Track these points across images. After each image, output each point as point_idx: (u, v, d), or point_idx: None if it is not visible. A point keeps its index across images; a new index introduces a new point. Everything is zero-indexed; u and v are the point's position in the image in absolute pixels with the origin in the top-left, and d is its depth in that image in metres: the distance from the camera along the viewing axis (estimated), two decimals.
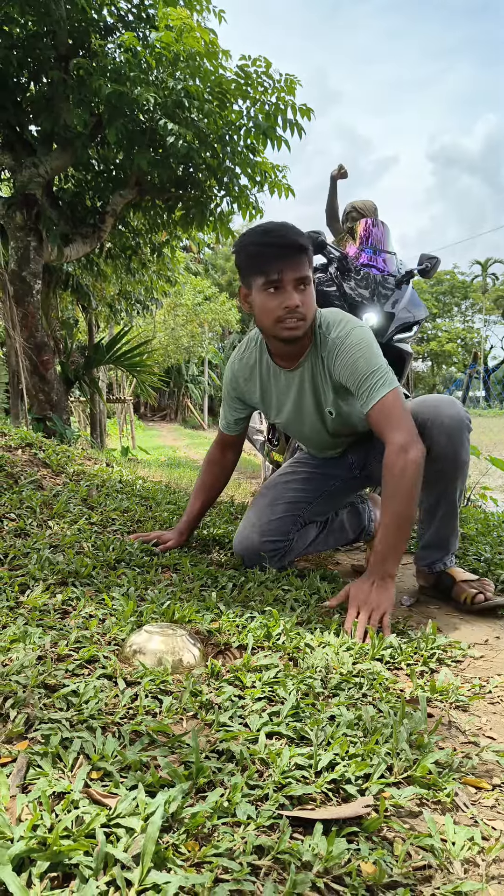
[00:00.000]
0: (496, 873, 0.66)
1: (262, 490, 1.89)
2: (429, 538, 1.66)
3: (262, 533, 1.74)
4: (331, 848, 0.63)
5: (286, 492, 1.82)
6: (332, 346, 1.53)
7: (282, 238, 1.43)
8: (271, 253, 1.42)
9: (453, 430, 1.51)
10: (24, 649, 1.01)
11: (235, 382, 1.77)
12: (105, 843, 0.59)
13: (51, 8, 3.93)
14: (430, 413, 1.52)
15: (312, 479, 1.85)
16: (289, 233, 1.44)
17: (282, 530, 1.76)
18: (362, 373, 1.47)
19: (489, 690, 1.10)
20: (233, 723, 0.88)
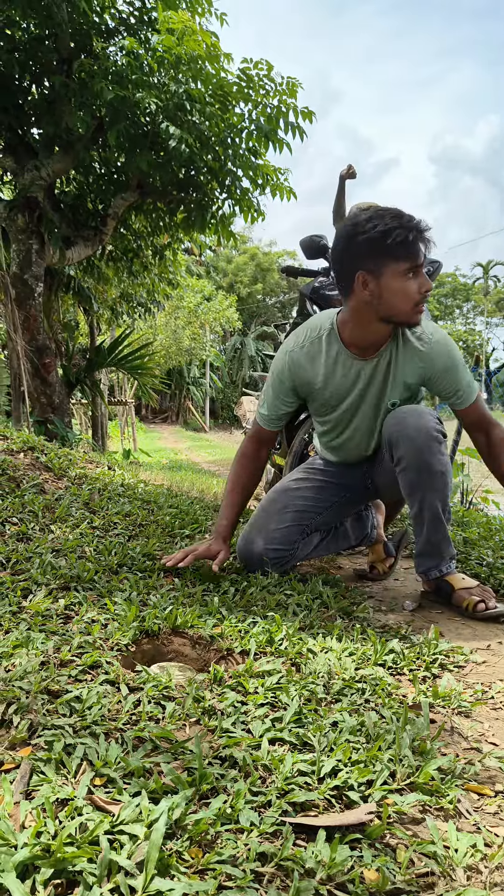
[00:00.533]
0: (499, 880, 0.66)
1: (271, 493, 1.86)
2: (421, 546, 1.66)
3: (267, 540, 1.72)
4: (334, 855, 0.63)
5: (296, 499, 1.80)
6: (425, 341, 1.60)
7: (420, 223, 1.46)
8: (417, 238, 1.45)
9: (420, 441, 1.55)
10: (26, 655, 1.01)
11: (293, 371, 1.71)
12: (109, 849, 0.59)
13: (53, 11, 3.94)
14: (396, 427, 1.59)
15: (325, 488, 1.83)
16: (421, 219, 1.48)
17: (288, 539, 1.75)
18: (462, 373, 1.60)
19: (492, 696, 1.10)
20: (235, 729, 0.88)
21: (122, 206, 5.04)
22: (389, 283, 1.49)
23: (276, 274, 33.60)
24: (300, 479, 1.87)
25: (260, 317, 34.48)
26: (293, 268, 2.64)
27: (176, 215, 5.39)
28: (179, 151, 4.04)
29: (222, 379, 28.71)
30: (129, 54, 4.02)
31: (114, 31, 4.49)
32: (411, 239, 1.44)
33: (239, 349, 29.93)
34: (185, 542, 1.95)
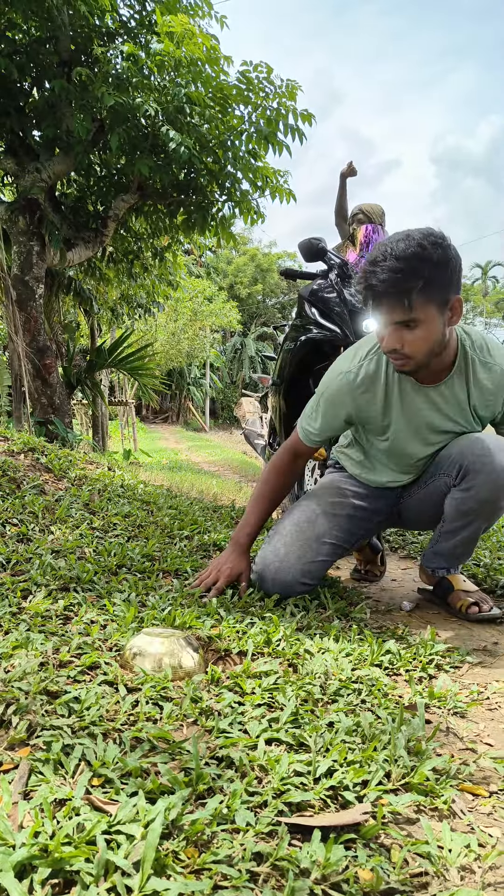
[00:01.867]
0: (492, 880, 0.67)
1: (308, 509, 1.66)
2: (442, 548, 1.65)
3: (303, 573, 1.55)
4: (329, 855, 0.64)
5: (333, 529, 1.63)
6: (494, 367, 1.45)
7: (377, 278, 1.26)
8: (367, 290, 1.30)
9: (501, 482, 1.44)
10: (26, 655, 1.02)
11: (350, 394, 1.53)
12: (106, 849, 0.60)
13: (53, 14, 3.95)
14: (480, 456, 1.45)
15: (356, 517, 1.68)
16: (390, 272, 1.25)
17: (320, 573, 1.61)
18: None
19: (487, 697, 1.11)
20: (232, 729, 0.89)
21: (123, 208, 5.05)
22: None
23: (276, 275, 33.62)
24: (339, 502, 1.69)
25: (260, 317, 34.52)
26: (292, 270, 2.65)
27: (176, 217, 5.40)
28: (179, 154, 4.05)
29: (222, 379, 28.73)
30: (129, 58, 4.04)
31: (114, 35, 4.51)
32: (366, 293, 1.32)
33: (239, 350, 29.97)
34: (183, 542, 1.95)
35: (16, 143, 4.64)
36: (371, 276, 1.26)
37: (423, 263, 1.23)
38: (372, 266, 1.26)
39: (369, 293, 1.29)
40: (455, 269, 1.27)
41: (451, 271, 1.26)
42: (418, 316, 1.27)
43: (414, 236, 1.25)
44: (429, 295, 1.26)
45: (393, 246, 1.24)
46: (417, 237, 1.24)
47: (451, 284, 1.28)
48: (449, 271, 1.26)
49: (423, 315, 1.28)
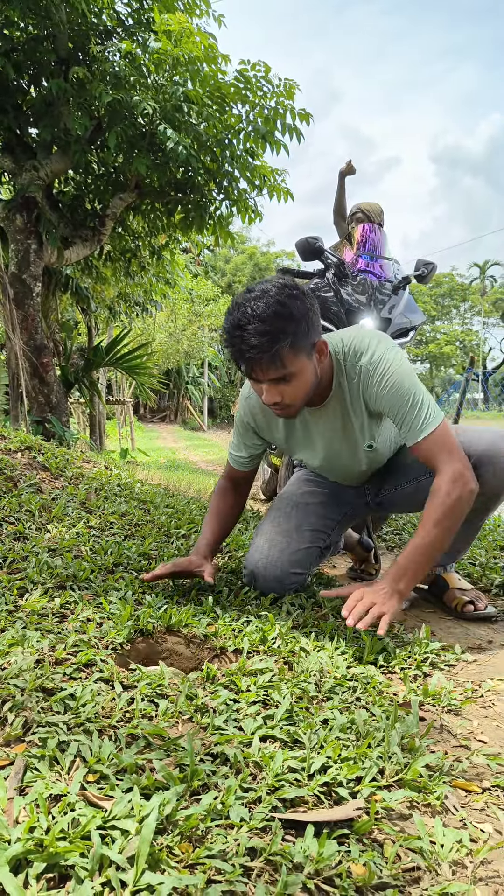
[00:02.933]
0: (483, 875, 0.67)
1: (282, 506, 1.72)
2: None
3: (291, 563, 1.58)
4: (322, 850, 0.65)
5: (310, 516, 1.68)
6: (364, 374, 1.42)
7: (246, 343, 1.25)
8: (237, 354, 1.29)
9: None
10: (22, 653, 1.02)
11: (252, 417, 1.60)
12: (100, 844, 0.60)
13: (51, 11, 3.95)
14: (488, 450, 1.44)
15: (329, 504, 1.72)
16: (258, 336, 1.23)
17: (307, 561, 1.63)
18: (409, 406, 1.37)
19: (481, 694, 1.12)
20: (227, 726, 0.89)
21: (121, 207, 5.05)
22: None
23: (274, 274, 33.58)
24: (308, 492, 1.75)
25: None
26: (290, 269, 2.65)
27: (174, 216, 5.40)
28: (177, 153, 4.05)
29: (220, 379, 28.72)
30: (127, 56, 4.03)
31: (111, 33, 4.50)
32: (234, 353, 1.30)
33: None
34: (180, 541, 1.96)
35: (13, 141, 4.63)
36: (238, 341, 1.26)
37: (286, 321, 1.24)
38: (237, 330, 1.25)
39: (239, 357, 1.29)
40: (313, 315, 1.31)
41: (310, 319, 1.29)
42: (291, 370, 1.30)
43: (270, 293, 1.25)
44: (297, 348, 1.28)
45: (253, 307, 1.24)
46: (274, 293, 1.25)
47: (313, 330, 1.31)
48: (309, 320, 1.29)
49: (295, 368, 1.30)
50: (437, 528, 1.30)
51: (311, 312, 1.30)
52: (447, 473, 1.33)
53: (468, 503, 1.33)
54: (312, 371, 1.36)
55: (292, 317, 1.25)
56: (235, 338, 1.26)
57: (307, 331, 1.29)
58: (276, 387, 1.33)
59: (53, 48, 4.29)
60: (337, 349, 1.45)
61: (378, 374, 1.39)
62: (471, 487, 1.33)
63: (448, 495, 1.31)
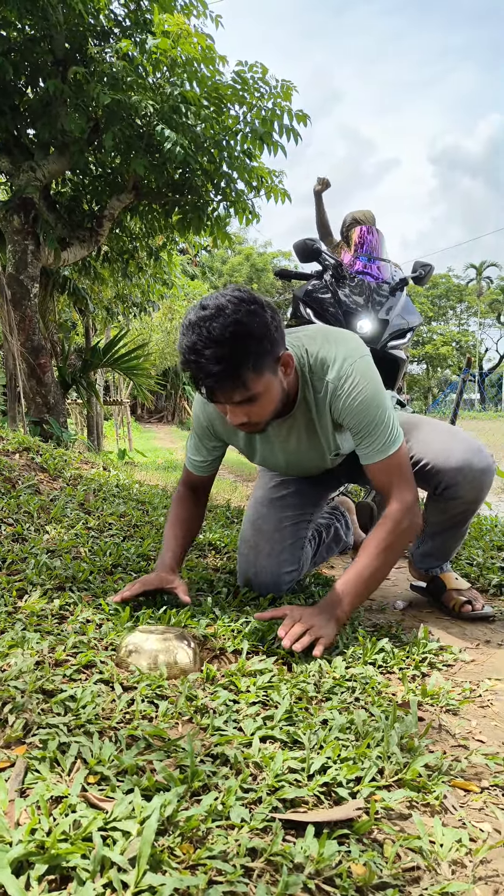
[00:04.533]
0: (483, 874, 0.68)
1: (258, 508, 1.67)
2: (430, 549, 1.64)
3: (279, 564, 1.57)
4: (322, 850, 0.65)
5: (286, 510, 1.65)
6: (332, 389, 1.33)
7: (204, 370, 1.14)
8: (196, 379, 1.18)
9: (486, 483, 1.43)
10: (22, 654, 1.02)
11: (210, 422, 1.51)
12: (102, 846, 0.61)
13: (48, 12, 3.95)
14: (463, 465, 1.41)
15: (302, 489, 1.69)
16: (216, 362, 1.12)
17: (295, 557, 1.62)
18: (373, 425, 1.31)
19: (479, 694, 1.12)
20: (227, 727, 0.90)
21: (118, 208, 5.05)
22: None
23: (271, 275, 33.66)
24: (278, 485, 1.70)
25: None
26: (287, 271, 2.66)
27: (171, 217, 5.40)
28: (174, 154, 4.05)
29: None
30: (125, 57, 4.04)
31: (108, 34, 4.50)
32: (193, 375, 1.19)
33: None
34: None
35: (10, 141, 4.63)
36: (196, 367, 1.15)
37: (246, 341, 1.13)
38: (194, 355, 1.13)
39: (199, 383, 1.18)
40: (274, 327, 1.19)
41: (271, 333, 1.18)
42: (257, 390, 1.20)
43: (226, 310, 1.12)
44: (260, 368, 1.18)
45: (209, 328, 1.11)
46: (231, 311, 1.12)
47: (276, 345, 1.21)
48: (270, 335, 1.18)
49: (261, 387, 1.20)
50: (381, 556, 1.27)
51: (272, 326, 1.18)
52: (401, 502, 1.30)
53: (414, 535, 1.35)
54: (279, 387, 1.27)
55: (252, 336, 1.14)
56: (192, 363, 1.15)
57: (270, 347, 1.19)
58: (241, 408, 1.23)
59: (50, 49, 4.30)
60: (302, 360, 1.35)
61: (345, 390, 1.31)
62: (419, 522, 1.32)
63: (398, 524, 1.28)
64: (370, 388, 1.31)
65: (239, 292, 1.17)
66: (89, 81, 4.06)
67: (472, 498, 1.46)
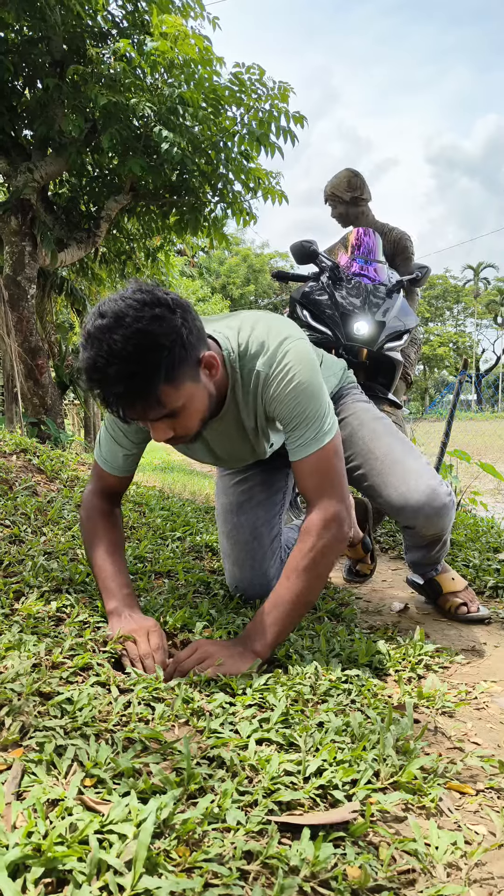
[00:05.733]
0: (478, 877, 0.68)
1: (227, 517, 1.62)
2: (417, 559, 1.64)
3: (263, 574, 1.56)
4: (318, 853, 0.65)
5: (256, 509, 1.60)
6: (262, 377, 1.20)
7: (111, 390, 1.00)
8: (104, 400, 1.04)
9: (442, 522, 1.45)
10: (18, 657, 1.02)
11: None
12: (98, 849, 0.61)
13: (46, 13, 3.95)
14: (420, 502, 1.39)
15: (266, 483, 1.64)
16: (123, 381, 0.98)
17: (277, 556, 1.62)
18: (304, 414, 1.17)
19: (475, 696, 1.13)
20: (223, 729, 0.90)
21: (116, 209, 5.05)
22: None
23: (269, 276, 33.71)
24: (239, 482, 1.63)
25: None
26: (284, 273, 2.66)
27: (168, 218, 5.41)
28: (172, 155, 4.06)
29: None
30: (122, 58, 4.04)
31: (107, 35, 4.51)
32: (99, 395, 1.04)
33: None
34: (175, 544, 1.96)
35: (8, 143, 4.63)
36: (100, 386, 1.01)
37: (153, 352, 0.99)
38: (97, 373, 0.98)
39: (108, 404, 1.03)
40: (187, 330, 1.04)
41: (184, 337, 1.03)
42: (177, 404, 1.06)
43: (126, 317, 0.97)
44: (177, 378, 1.04)
45: (109, 342, 0.96)
46: (131, 319, 0.97)
47: (192, 346, 1.06)
48: (183, 340, 1.02)
49: (181, 399, 1.07)
50: (302, 577, 1.13)
51: (183, 329, 1.02)
52: (323, 512, 1.15)
53: (340, 550, 1.17)
54: (204, 393, 1.13)
55: (159, 346, 0.99)
56: (95, 382, 1.00)
57: (185, 353, 1.04)
58: (164, 424, 1.10)
59: (48, 50, 4.30)
60: (231, 352, 1.21)
61: (277, 377, 1.18)
62: (344, 532, 1.16)
63: (319, 538, 1.13)
64: (303, 373, 1.17)
65: (140, 294, 1.01)
66: (87, 82, 4.07)
67: (433, 533, 1.48)
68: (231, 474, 1.69)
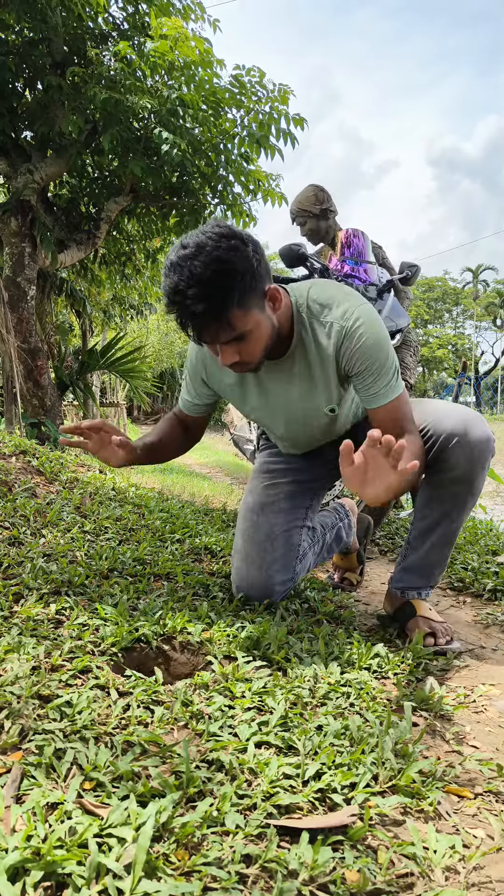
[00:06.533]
0: (476, 880, 0.68)
1: (248, 515, 1.63)
2: (412, 562, 1.49)
3: (270, 576, 1.55)
4: (316, 856, 0.65)
5: (277, 516, 1.60)
6: (338, 329, 1.31)
7: (189, 310, 1.14)
8: (182, 321, 1.18)
9: (480, 454, 1.32)
10: (18, 660, 1.02)
11: (203, 367, 1.51)
12: (97, 852, 0.61)
13: (47, 15, 3.95)
14: (457, 429, 1.32)
15: (295, 492, 1.65)
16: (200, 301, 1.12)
17: (289, 565, 1.59)
18: (381, 366, 1.29)
19: (473, 700, 1.13)
20: (222, 733, 0.90)
21: (115, 210, 5.06)
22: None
23: None
24: (271, 485, 1.65)
25: None
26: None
27: (168, 219, 5.41)
28: (172, 156, 4.06)
29: None
30: (123, 59, 4.05)
31: (107, 36, 4.52)
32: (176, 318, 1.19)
33: None
34: (175, 546, 1.96)
35: (8, 144, 4.63)
36: (180, 308, 1.15)
37: (229, 278, 1.12)
38: (177, 296, 1.13)
39: (185, 325, 1.18)
40: (257, 261, 1.17)
41: (254, 267, 1.16)
42: (245, 328, 1.20)
43: (206, 247, 1.11)
44: (247, 304, 1.18)
45: (190, 268, 1.11)
46: (211, 248, 1.11)
47: (261, 278, 1.20)
48: (254, 269, 1.16)
49: (249, 324, 1.20)
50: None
51: (254, 260, 1.16)
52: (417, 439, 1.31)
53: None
54: (268, 323, 1.26)
55: (235, 272, 1.13)
56: (176, 304, 1.14)
57: (254, 283, 1.17)
58: (231, 348, 1.22)
59: (49, 52, 4.31)
60: (299, 301, 1.35)
61: (355, 330, 1.30)
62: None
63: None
64: (377, 329, 1.31)
65: (219, 228, 1.14)
66: (87, 82, 4.07)
67: (464, 470, 1.33)
68: (264, 475, 1.69)
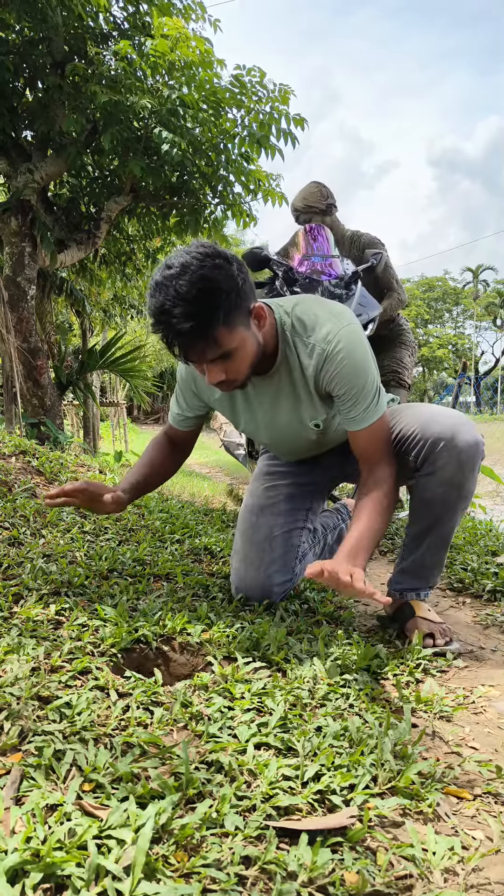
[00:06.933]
0: (475, 882, 0.68)
1: (247, 516, 1.65)
2: (409, 564, 1.48)
3: (269, 577, 1.56)
4: (315, 858, 0.65)
5: (277, 518, 1.62)
6: (320, 351, 1.33)
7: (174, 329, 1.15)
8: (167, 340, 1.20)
9: (468, 459, 1.31)
10: (17, 661, 1.02)
11: (192, 379, 1.53)
12: (97, 854, 0.61)
13: (47, 14, 3.95)
14: (444, 434, 1.31)
15: (295, 494, 1.66)
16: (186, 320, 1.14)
17: (287, 566, 1.60)
18: (362, 390, 1.31)
19: (473, 701, 1.13)
20: (222, 734, 0.90)
21: (116, 210, 5.05)
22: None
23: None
24: (271, 486, 1.67)
25: None
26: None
27: (169, 219, 5.41)
28: (172, 156, 4.06)
29: None
30: (123, 59, 4.04)
31: (108, 36, 4.51)
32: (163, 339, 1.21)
33: None
34: (174, 546, 1.96)
35: (8, 143, 4.63)
36: (166, 327, 1.16)
37: (214, 296, 1.14)
38: (163, 315, 1.15)
39: (170, 344, 1.20)
40: (241, 280, 1.20)
41: (239, 285, 1.19)
42: (231, 346, 1.21)
43: (191, 266, 1.13)
44: (233, 322, 1.20)
45: (176, 286, 1.13)
46: (196, 267, 1.13)
47: (246, 296, 1.23)
48: (239, 288, 1.19)
49: (235, 342, 1.22)
50: (386, 514, 1.32)
51: (239, 279, 1.19)
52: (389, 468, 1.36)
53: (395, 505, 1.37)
54: (254, 340, 1.28)
55: (220, 290, 1.15)
56: (162, 323, 1.16)
57: (239, 301, 1.20)
58: (217, 366, 1.25)
59: (49, 51, 4.30)
60: (284, 319, 1.37)
61: (336, 353, 1.31)
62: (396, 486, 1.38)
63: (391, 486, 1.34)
64: (359, 354, 1.32)
65: (203, 248, 1.17)
66: (88, 82, 4.07)
67: (453, 474, 1.32)
68: (264, 478, 1.71)
